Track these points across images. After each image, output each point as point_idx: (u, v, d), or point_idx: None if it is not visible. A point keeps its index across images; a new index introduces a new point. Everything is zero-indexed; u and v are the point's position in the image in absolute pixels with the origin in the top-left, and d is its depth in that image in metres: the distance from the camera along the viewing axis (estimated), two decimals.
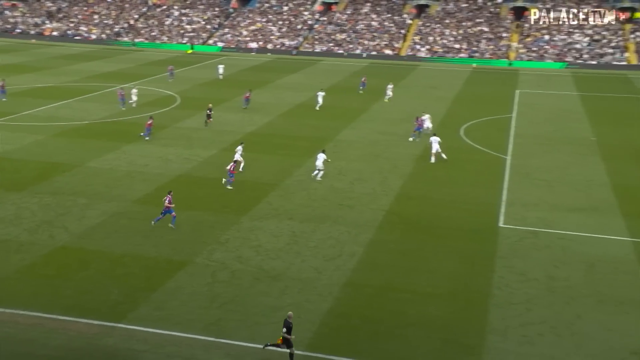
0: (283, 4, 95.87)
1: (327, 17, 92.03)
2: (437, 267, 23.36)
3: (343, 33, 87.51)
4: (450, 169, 35.15)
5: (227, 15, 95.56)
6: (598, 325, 19.48)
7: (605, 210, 29.00)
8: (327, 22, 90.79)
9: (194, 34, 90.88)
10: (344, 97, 55.69)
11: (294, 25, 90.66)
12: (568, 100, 56.09)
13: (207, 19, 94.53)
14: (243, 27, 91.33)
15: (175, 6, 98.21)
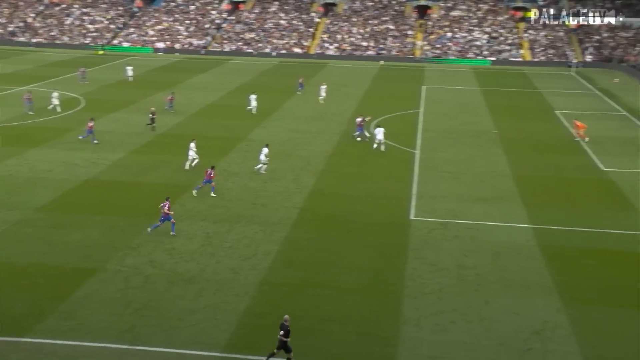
0: (190, 3, 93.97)
1: (235, 16, 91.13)
2: (352, 262, 23.66)
3: (252, 32, 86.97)
4: (362, 164, 35.72)
5: (131, 14, 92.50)
6: (504, 310, 20.41)
7: (508, 199, 30.44)
8: (236, 21, 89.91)
9: (97, 34, 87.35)
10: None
11: (202, 25, 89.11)
12: (470, 95, 58.45)
13: (110, 18, 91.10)
14: (149, 27, 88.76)
15: (76, 5, 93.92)
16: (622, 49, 78.45)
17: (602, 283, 22.22)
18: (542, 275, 22.73)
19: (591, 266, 23.50)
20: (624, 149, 39.48)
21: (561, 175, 34.34)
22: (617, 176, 34.01)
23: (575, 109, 51.71)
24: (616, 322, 19.66)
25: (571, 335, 18.93)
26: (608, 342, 18.63)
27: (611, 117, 48.72)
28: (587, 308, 20.52)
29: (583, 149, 39.64)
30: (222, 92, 56.76)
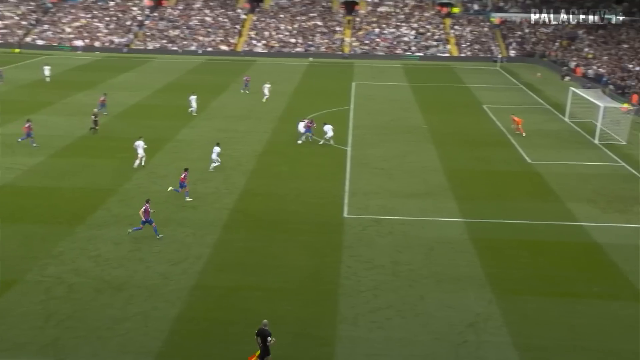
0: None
1: (157, 13, 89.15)
2: (286, 262, 23.64)
3: (176, 29, 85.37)
4: (293, 163, 35.75)
5: (45, 10, 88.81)
6: (439, 304, 20.92)
7: (440, 194, 31.21)
8: (159, 18, 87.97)
9: (6, 31, 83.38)
10: (182, 95, 54.36)
11: (123, 22, 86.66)
12: (400, 91, 59.54)
13: (21, 14, 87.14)
14: (65, 24, 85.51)
15: None
16: (543, 44, 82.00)
17: (531, 273, 23.14)
18: (474, 268, 23.44)
19: (521, 257, 24.42)
20: (548, 142, 41.26)
21: (490, 169, 35.51)
22: (543, 168, 35.51)
23: (502, 103, 53.62)
24: (544, 311, 20.53)
25: (503, 326, 19.61)
26: (538, 331, 19.42)
27: (535, 110, 50.81)
28: (518, 298, 21.31)
29: (510, 142, 41.15)
30: (147, 92, 55.44)
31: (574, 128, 45.34)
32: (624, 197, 31.02)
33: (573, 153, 38.92)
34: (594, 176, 34.29)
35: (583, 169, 35.73)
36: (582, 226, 27.45)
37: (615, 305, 20.93)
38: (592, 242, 25.82)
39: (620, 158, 37.82)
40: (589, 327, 19.61)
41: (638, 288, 22.01)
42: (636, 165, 36.31)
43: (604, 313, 20.43)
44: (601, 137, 41.54)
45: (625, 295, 21.59)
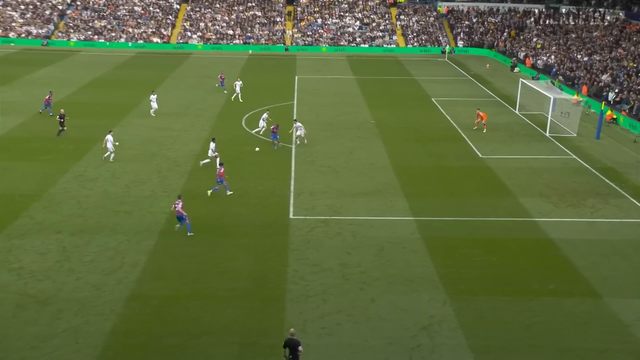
0: None
1: (81, 2, 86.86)
2: (229, 267, 23.45)
3: (102, 20, 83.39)
4: (235, 162, 35.47)
5: None
6: (391, 307, 21.15)
7: (389, 192, 31.57)
8: (82, 7, 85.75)
9: None
10: (111, 92, 53.21)
11: (41, 11, 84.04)
12: (346, 84, 59.94)
13: None
14: None
15: None
16: (491, 35, 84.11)
17: (486, 272, 23.68)
18: (426, 268, 23.81)
19: (474, 255, 24.96)
20: (499, 136, 42.35)
21: (441, 165, 36.17)
22: (494, 163, 36.41)
23: (451, 96, 54.73)
24: (500, 310, 21.04)
25: (458, 328, 20.00)
26: (493, 331, 19.89)
27: (485, 103, 52.02)
28: (472, 299, 21.77)
29: (461, 136, 42.02)
30: (72, 88, 53.96)
31: (525, 121, 46.69)
32: (576, 190, 32.14)
33: (524, 146, 40.08)
34: (545, 170, 35.39)
35: (535, 162, 36.83)
36: (535, 222, 28.28)
37: (570, 302, 21.65)
38: (546, 238, 26.64)
39: (571, 151, 39.18)
40: (545, 326, 20.21)
41: (592, 284, 22.84)
42: (587, 158, 37.69)
43: (560, 310, 21.10)
44: (552, 130, 42.94)
45: (579, 291, 22.36)
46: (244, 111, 47.23)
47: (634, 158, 38.31)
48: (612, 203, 30.66)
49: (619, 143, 41.60)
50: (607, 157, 38.06)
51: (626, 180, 34.00)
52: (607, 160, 37.53)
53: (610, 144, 41.30)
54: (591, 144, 40.92)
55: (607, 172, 35.27)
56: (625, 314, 20.86)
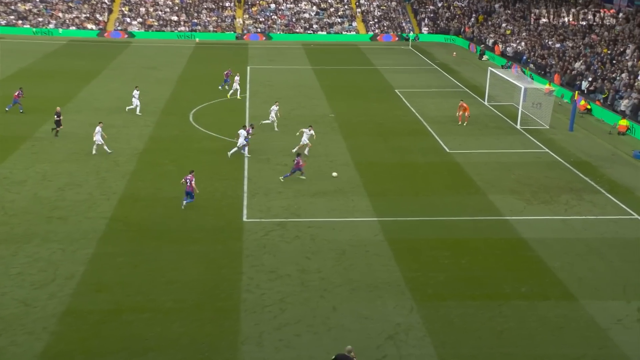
0: None
1: None
2: (177, 277, 23.26)
3: (27, 3, 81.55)
4: (182, 161, 35.20)
5: None
6: (354, 315, 21.27)
7: (351, 191, 31.74)
8: None
9: None
10: (40, 84, 52.15)
11: None
12: (302, 75, 60.01)
13: None
14: None
15: None
16: (458, 20, 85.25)
17: (455, 275, 24.00)
18: (392, 273, 24.02)
19: (442, 258, 25.27)
20: (467, 129, 42.96)
21: (405, 161, 36.52)
22: (462, 158, 36.94)
23: (416, 87, 55.32)
24: (470, 317, 21.35)
25: (426, 336, 20.22)
26: (463, 339, 20.17)
27: (452, 94, 52.74)
28: (441, 304, 22.03)
29: (427, 130, 42.50)
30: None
31: (494, 112, 47.50)
32: (549, 186, 32.84)
33: (494, 140, 40.78)
34: (516, 165, 36.07)
35: (505, 157, 37.50)
36: (506, 220, 28.79)
37: (544, 306, 22.10)
38: (518, 238, 27.15)
39: (543, 144, 40.02)
40: (517, 332, 20.58)
41: (567, 286, 23.36)
42: (560, 152, 38.55)
43: (533, 315, 21.51)
44: (523, 122, 43.78)
45: (554, 294, 22.85)
46: (191, 105, 46.87)
47: (609, 151, 39.34)
48: (586, 199, 31.43)
49: (593, 135, 42.65)
50: (581, 150, 38.99)
51: (601, 174, 34.89)
52: (581, 153, 38.45)
53: (585, 136, 42.32)
54: (564, 137, 41.86)
55: (582, 166, 36.14)
56: (602, 317, 21.39)
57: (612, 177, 34.47)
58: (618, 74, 50.32)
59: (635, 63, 50.61)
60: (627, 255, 25.87)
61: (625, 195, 31.91)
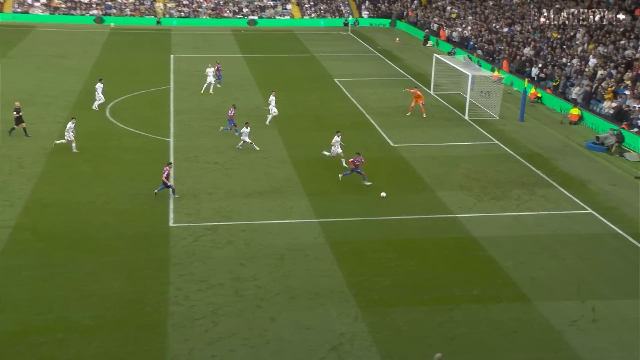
0: None
1: None
2: (95, 290, 22.82)
3: None
4: (98, 161, 34.60)
5: None
6: (294, 326, 21.27)
7: (288, 190, 31.74)
8: None
9: None
10: None
11: None
12: (232, 64, 59.65)
13: None
14: None
15: None
16: (400, 3, 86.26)
17: (402, 279, 24.26)
18: (334, 278, 24.11)
19: (389, 261, 25.51)
20: (412, 120, 43.51)
21: (347, 156, 36.66)
22: (408, 152, 37.40)
23: (357, 76, 55.74)
24: (419, 323, 21.61)
25: (372, 346, 20.37)
26: (412, 347, 20.40)
27: (395, 83, 53.32)
28: (388, 311, 22.24)
29: (369, 122, 42.86)
30: None
31: (441, 102, 48.26)
32: (500, 181, 33.56)
33: (441, 132, 41.42)
34: (465, 158, 36.73)
35: (453, 150, 38.14)
36: (455, 218, 29.29)
37: (496, 309, 22.57)
38: (468, 237, 27.65)
39: (493, 135, 40.88)
40: (469, 337, 20.93)
41: (520, 286, 23.91)
42: (510, 143, 39.44)
43: (485, 319, 21.94)
44: (471, 112, 44.62)
45: (506, 296, 23.35)
46: (108, 99, 45.94)
47: (561, 142, 40.46)
48: (539, 193, 32.25)
49: (544, 125, 43.80)
50: (533, 142, 39.98)
51: (553, 167, 35.85)
52: (532, 145, 39.42)
53: (536, 127, 43.41)
54: (515, 127, 42.85)
55: (533, 158, 37.06)
56: (556, 319, 21.97)
57: (564, 170, 35.46)
58: (569, 60, 51.79)
59: (585, 48, 52.18)
60: (581, 252, 26.68)
61: (578, 189, 32.88)
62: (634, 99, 42.32)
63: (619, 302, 23.14)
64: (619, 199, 31.87)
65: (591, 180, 34.18)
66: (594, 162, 37.14)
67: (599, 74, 47.31)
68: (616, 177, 34.87)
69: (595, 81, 46.87)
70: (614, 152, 38.31)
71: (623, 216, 29.94)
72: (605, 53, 49.77)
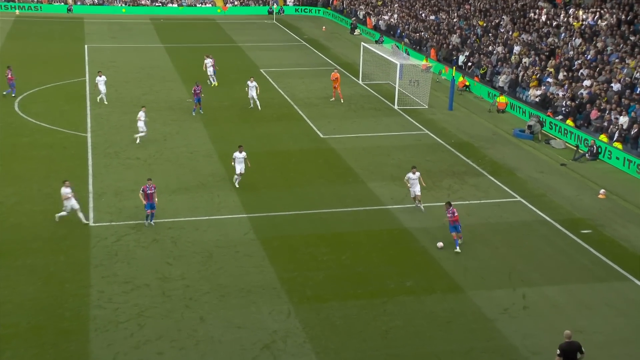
0: None
1: None
2: (8, 296, 22.24)
3: None
4: (8, 158, 33.65)
5: None
6: (225, 325, 21.15)
7: (216, 185, 31.51)
8: None
9: None
10: None
11: None
12: (152, 54, 58.82)
13: None
14: None
15: None
16: None
17: (335, 273, 24.39)
18: (266, 274, 24.08)
19: (321, 255, 25.61)
20: (341, 111, 43.73)
21: (275, 149, 36.67)
22: (338, 143, 37.59)
23: (283, 66, 55.70)
24: (353, 317, 21.77)
25: (306, 342, 20.44)
26: (347, 342, 20.54)
27: (323, 72, 53.44)
28: (321, 306, 22.34)
29: (298, 114, 42.87)
30: None
31: (370, 92, 48.65)
32: (431, 171, 34.04)
33: (371, 122, 41.76)
34: (396, 148, 37.14)
35: (384, 140, 38.51)
36: (388, 210, 29.60)
37: (430, 300, 22.94)
38: (401, 228, 27.98)
39: (423, 125, 41.45)
40: (404, 330, 21.22)
41: (453, 277, 24.35)
42: (440, 133, 40.07)
43: (419, 311, 22.27)
44: (400, 102, 45.12)
45: (440, 286, 23.75)
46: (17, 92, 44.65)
47: (490, 130, 41.33)
48: (469, 182, 32.88)
49: (473, 114, 44.65)
50: (462, 131, 40.72)
51: (483, 155, 36.60)
52: (462, 134, 40.15)
53: (465, 115, 44.22)
54: (444, 116, 43.55)
55: (463, 147, 37.75)
56: (488, 308, 22.48)
57: (494, 158, 36.24)
58: (494, 47, 52.91)
59: (510, 36, 53.39)
60: (511, 240, 27.37)
61: (507, 177, 33.67)
62: (557, 86, 43.56)
63: (548, 288, 23.87)
64: (546, 186, 32.77)
65: (519, 168, 35.04)
66: (522, 150, 38.08)
67: (523, 62, 48.48)
68: (543, 165, 35.84)
69: (520, 69, 48.03)
70: (540, 139, 39.36)
71: (550, 203, 30.83)
72: (529, 41, 51.02)
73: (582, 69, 43.80)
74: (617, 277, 24.85)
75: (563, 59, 46.14)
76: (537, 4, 56.55)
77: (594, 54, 44.48)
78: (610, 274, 25.07)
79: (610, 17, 47.74)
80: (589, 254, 26.37)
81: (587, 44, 46.23)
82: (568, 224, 28.80)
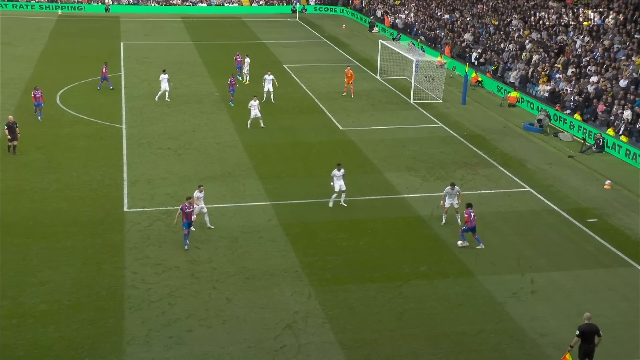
0: None
1: None
2: (50, 276, 22.42)
3: None
4: (51, 149, 33.91)
5: None
6: (249, 305, 21.24)
7: (241, 174, 31.57)
8: None
9: None
10: None
11: None
12: (183, 51, 58.93)
13: None
14: None
15: None
16: None
17: (353, 258, 24.40)
18: (288, 258, 24.14)
19: (340, 240, 25.62)
20: (359, 105, 43.61)
21: (297, 140, 36.67)
22: (356, 135, 37.50)
23: (305, 62, 55.57)
24: (370, 300, 21.79)
25: (326, 323, 20.49)
26: (364, 323, 20.57)
27: (343, 68, 53.14)
28: (340, 289, 22.36)
29: (319, 107, 42.81)
30: None
31: (387, 87, 48.45)
32: (444, 162, 33.92)
33: (387, 116, 41.62)
34: (411, 140, 37.00)
35: (400, 133, 38.38)
36: (403, 198, 29.53)
37: (442, 284, 22.89)
38: (415, 216, 27.91)
39: (437, 118, 41.24)
40: (417, 312, 21.21)
41: (465, 262, 24.28)
42: (454, 126, 39.86)
43: (432, 294, 22.24)
44: (416, 96, 44.90)
45: (452, 271, 23.69)
46: (58, 86, 45.01)
47: (501, 123, 41.05)
48: (481, 173, 32.71)
49: (485, 108, 44.35)
50: (475, 124, 40.48)
51: (494, 147, 36.38)
52: (474, 127, 39.91)
53: (477, 109, 43.93)
54: (458, 110, 43.30)
55: (475, 140, 37.54)
56: (498, 292, 22.41)
57: (504, 150, 36.01)
58: (506, 45, 52.51)
59: (521, 34, 52.93)
60: (520, 228, 27.21)
61: (517, 168, 33.45)
62: (566, 82, 43.20)
63: (555, 273, 23.73)
64: (554, 177, 32.53)
65: (529, 159, 34.79)
66: (531, 142, 37.79)
67: (534, 59, 48.10)
68: (551, 157, 35.56)
69: (530, 65, 47.66)
70: (549, 132, 39.06)
71: (558, 193, 30.61)
72: (539, 39, 50.59)
73: (590, 65, 43.41)
74: (621, 263, 24.70)
75: (572, 56, 45.73)
76: (547, 4, 55.99)
77: (601, 52, 44.03)
78: (614, 260, 24.90)
79: (617, 16, 47.20)
80: (595, 242, 26.20)
81: (595, 42, 45.80)
82: (575, 213, 28.61)
